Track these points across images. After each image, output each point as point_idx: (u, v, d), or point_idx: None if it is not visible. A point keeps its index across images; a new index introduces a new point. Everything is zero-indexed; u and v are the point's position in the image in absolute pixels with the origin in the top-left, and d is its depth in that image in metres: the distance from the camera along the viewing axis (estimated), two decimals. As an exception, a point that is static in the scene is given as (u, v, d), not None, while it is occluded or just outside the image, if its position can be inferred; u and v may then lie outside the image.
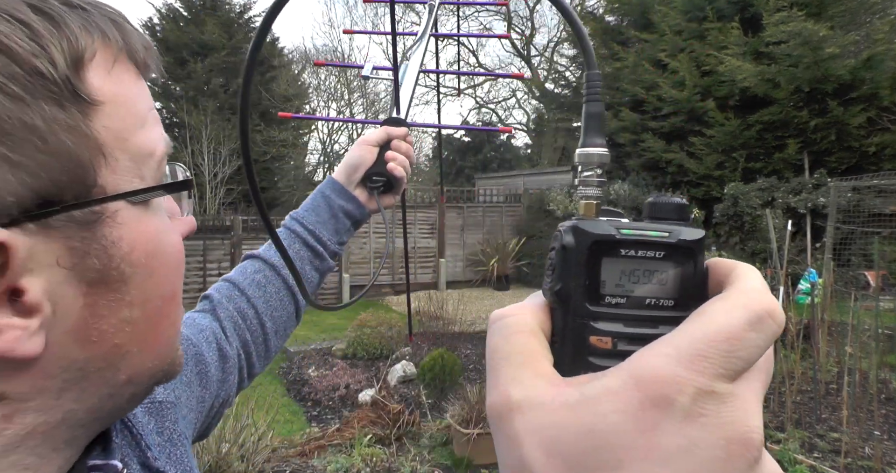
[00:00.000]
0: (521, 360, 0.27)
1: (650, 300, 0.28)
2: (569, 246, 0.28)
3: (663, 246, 0.28)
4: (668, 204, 0.30)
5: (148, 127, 0.42)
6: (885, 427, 4.15)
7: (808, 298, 5.50)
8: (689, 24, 11.46)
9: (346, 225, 0.98)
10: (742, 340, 0.24)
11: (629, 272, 0.28)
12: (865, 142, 9.96)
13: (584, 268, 0.28)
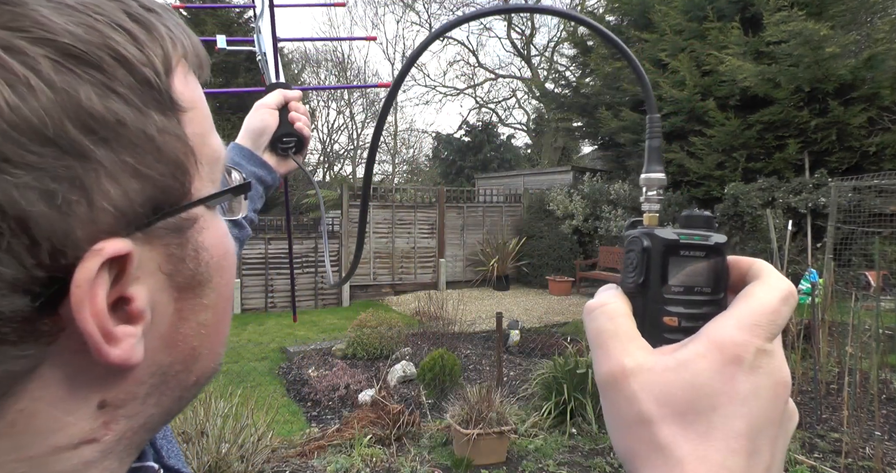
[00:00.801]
0: (627, 337, 0.35)
1: (697, 288, 0.37)
2: (648, 248, 0.37)
3: (705, 248, 0.37)
4: (701, 217, 0.39)
5: (214, 132, 0.43)
6: (886, 428, 4.15)
7: (808, 298, 5.49)
8: (689, 24, 11.46)
9: (258, 192, 0.99)
10: (779, 312, 0.33)
11: (686, 267, 0.37)
12: (866, 142, 9.95)
13: (659, 265, 0.36)
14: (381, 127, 0.46)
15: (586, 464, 3.80)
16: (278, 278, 10.49)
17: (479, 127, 21.58)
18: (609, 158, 14.00)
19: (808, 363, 4.96)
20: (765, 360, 0.32)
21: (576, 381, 4.43)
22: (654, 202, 0.42)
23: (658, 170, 0.43)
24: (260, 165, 0.99)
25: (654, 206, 0.42)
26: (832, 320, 4.97)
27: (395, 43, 38.33)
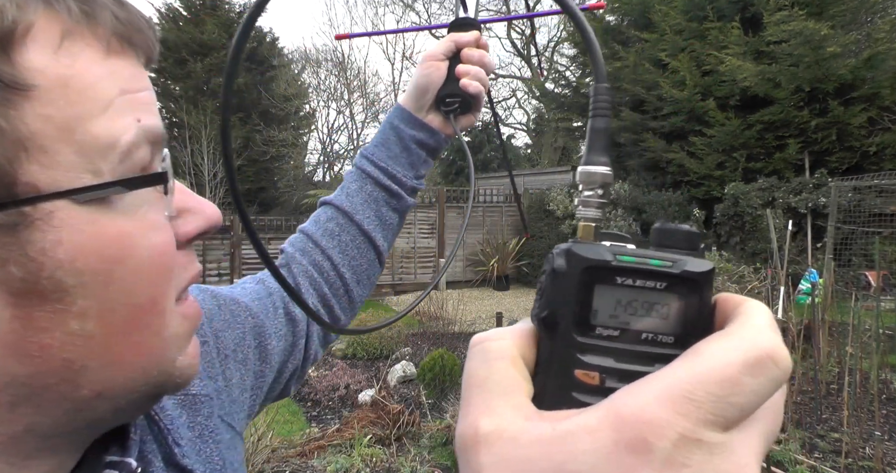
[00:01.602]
0: (497, 389, 0.25)
1: (648, 335, 0.26)
2: (559, 270, 0.26)
3: (665, 276, 0.26)
4: (676, 232, 0.28)
5: (112, 113, 0.37)
6: (886, 428, 4.14)
7: (808, 298, 5.49)
8: (689, 24, 11.45)
9: (420, 157, 0.87)
10: (737, 384, 0.21)
11: (626, 303, 0.26)
12: (866, 142, 9.95)
13: (574, 295, 0.26)
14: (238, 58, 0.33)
15: (586, 464, 3.80)
16: (278, 278, 10.50)
17: (479, 127, 21.58)
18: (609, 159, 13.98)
19: (809, 363, 4.96)
20: (697, 456, 0.21)
21: (576, 381, 4.44)
22: (592, 206, 0.30)
23: (601, 161, 0.31)
24: (419, 128, 0.86)
25: (590, 211, 0.30)
26: (832, 320, 4.97)
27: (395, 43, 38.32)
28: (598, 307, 0.26)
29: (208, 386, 0.59)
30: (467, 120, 0.87)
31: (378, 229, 0.85)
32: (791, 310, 5.27)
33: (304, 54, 24.08)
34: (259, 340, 0.69)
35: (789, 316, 5.09)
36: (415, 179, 0.87)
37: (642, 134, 12.07)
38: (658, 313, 0.26)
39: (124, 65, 0.39)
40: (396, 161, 0.85)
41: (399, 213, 0.88)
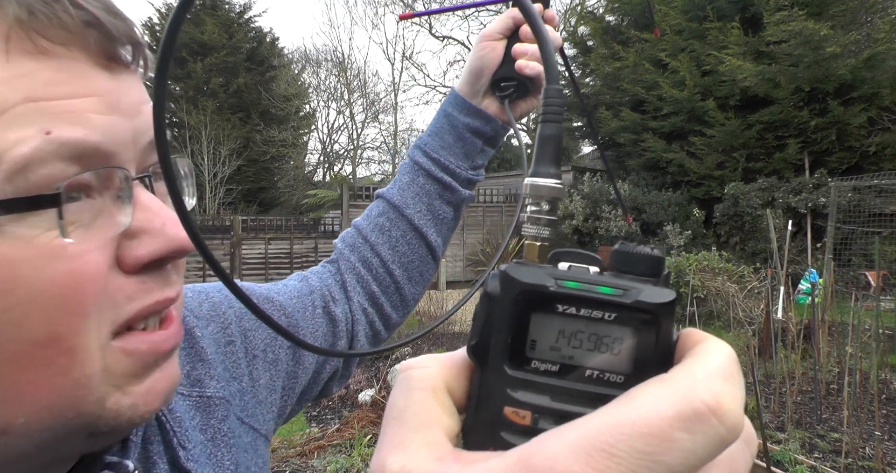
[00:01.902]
0: (412, 422, 0.22)
1: (592, 372, 0.23)
2: (492, 294, 0.23)
3: (614, 307, 0.23)
4: (635, 255, 0.24)
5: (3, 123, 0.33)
6: (886, 428, 4.14)
7: (808, 298, 5.50)
8: (689, 24, 11.46)
9: (476, 146, 0.80)
10: (667, 440, 0.18)
11: (570, 335, 0.23)
12: (866, 142, 9.95)
13: (507, 323, 0.23)
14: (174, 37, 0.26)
15: (586, 464, 3.80)
16: (278, 279, 10.51)
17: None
18: (609, 158, 14.00)
19: (808, 363, 4.96)
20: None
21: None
22: (540, 223, 0.27)
23: (550, 173, 0.27)
24: (474, 115, 0.79)
25: (538, 229, 0.27)
26: (832, 320, 4.97)
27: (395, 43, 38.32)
28: (537, 337, 0.23)
29: (227, 388, 0.58)
30: (526, 105, 0.79)
31: (430, 224, 0.81)
32: (791, 310, 5.27)
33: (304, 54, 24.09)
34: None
35: (789, 316, 5.10)
36: (471, 170, 0.81)
37: (642, 134, 12.07)
38: (607, 347, 0.23)
39: (41, 67, 0.34)
40: (450, 151, 0.80)
41: (454, 206, 0.82)
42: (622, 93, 12.58)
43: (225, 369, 0.58)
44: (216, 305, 0.62)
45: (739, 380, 0.20)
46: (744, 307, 5.98)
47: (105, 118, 0.37)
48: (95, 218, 0.37)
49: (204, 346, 0.57)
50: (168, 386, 0.41)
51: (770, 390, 4.84)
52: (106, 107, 0.37)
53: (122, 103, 0.38)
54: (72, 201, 0.35)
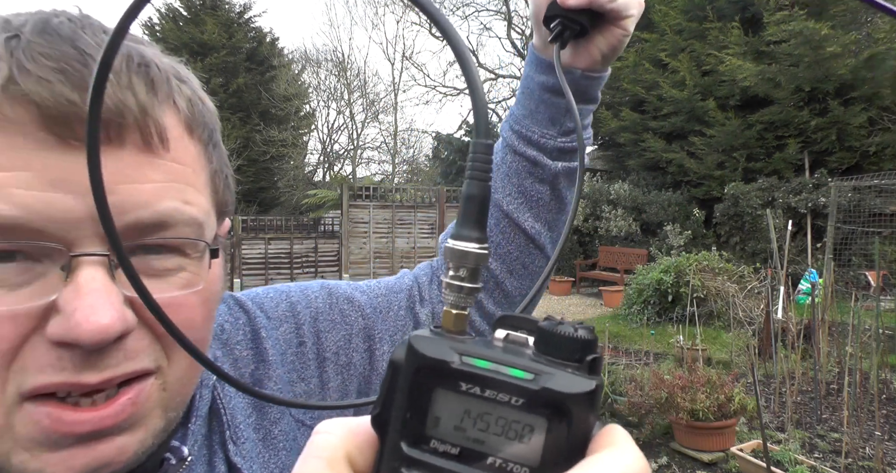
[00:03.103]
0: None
1: (496, 461, 0.21)
2: (396, 363, 0.22)
3: (521, 391, 0.21)
4: (557, 337, 0.22)
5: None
6: (886, 428, 4.14)
7: (808, 298, 5.50)
8: (689, 24, 11.46)
9: (559, 106, 0.67)
10: None
11: (477, 416, 0.21)
12: (866, 142, 9.95)
13: (407, 397, 0.21)
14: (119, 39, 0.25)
15: (586, 464, 3.80)
16: (279, 279, 10.51)
17: (479, 127, 21.55)
18: (609, 158, 14.00)
19: (809, 363, 4.96)
20: None
21: (576, 381, 4.43)
22: (462, 292, 0.24)
23: (473, 237, 0.24)
24: (547, 71, 0.66)
25: (456, 297, 0.24)
26: (832, 320, 4.97)
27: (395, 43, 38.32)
28: (441, 415, 0.21)
29: (291, 389, 0.58)
30: (591, 46, 0.63)
31: (523, 209, 0.70)
32: (791, 310, 5.27)
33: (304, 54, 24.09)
34: (368, 343, 0.64)
35: (789, 316, 5.09)
36: (560, 137, 0.68)
37: (642, 134, 12.07)
38: (517, 434, 0.21)
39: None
40: (533, 119, 0.69)
41: (548, 184, 0.70)
42: (622, 93, 12.58)
43: (292, 370, 0.59)
44: (293, 304, 0.63)
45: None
46: (744, 306, 5.98)
47: (36, 194, 0.36)
48: (27, 282, 0.37)
49: (268, 347, 0.58)
50: (92, 466, 0.39)
51: (770, 390, 4.84)
52: (44, 183, 0.36)
53: (73, 180, 0.37)
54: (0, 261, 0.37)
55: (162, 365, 0.42)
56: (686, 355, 4.87)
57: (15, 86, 0.35)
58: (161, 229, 0.40)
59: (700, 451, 3.71)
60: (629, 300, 7.97)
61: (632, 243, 11.21)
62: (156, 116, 0.40)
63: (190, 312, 0.43)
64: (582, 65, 0.65)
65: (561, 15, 0.60)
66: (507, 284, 0.72)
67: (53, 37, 0.37)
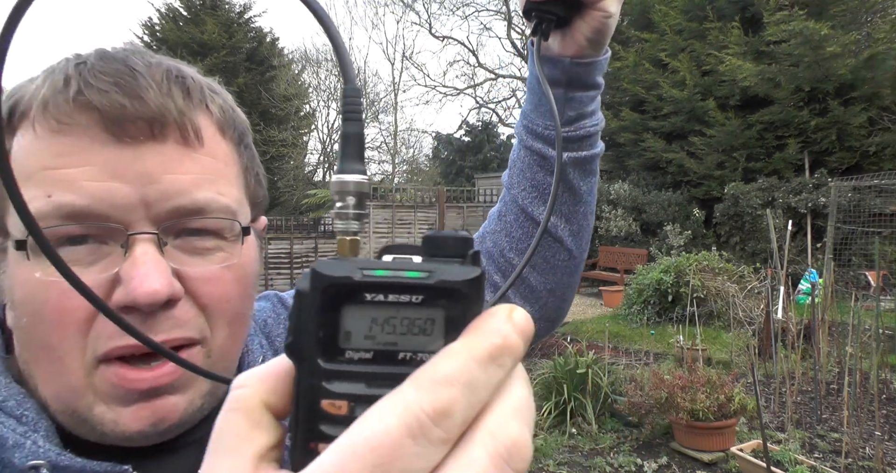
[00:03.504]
0: (221, 447, 0.23)
1: (406, 354, 0.23)
2: (302, 292, 0.24)
3: (420, 289, 0.23)
4: (441, 239, 0.25)
5: (27, 185, 0.45)
6: (886, 428, 4.14)
7: (808, 298, 5.50)
8: (689, 24, 11.46)
9: (557, 97, 0.67)
10: (395, 449, 0.19)
11: (383, 322, 0.24)
12: (866, 142, 9.95)
13: (317, 318, 0.23)
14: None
15: (586, 464, 3.80)
16: (278, 278, 10.52)
17: (479, 127, 21.59)
18: (609, 158, 14.01)
19: (808, 363, 4.96)
20: None
21: (576, 381, 4.43)
22: (349, 218, 0.28)
23: (355, 169, 0.29)
24: (544, 62, 0.66)
25: (346, 224, 0.28)
26: (832, 320, 4.97)
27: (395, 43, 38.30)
28: (351, 328, 0.24)
29: None
30: (574, 37, 0.63)
31: (537, 202, 0.71)
32: (791, 310, 5.27)
33: (304, 54, 24.09)
34: None
35: (789, 316, 5.09)
36: (564, 127, 0.67)
37: (642, 134, 12.07)
38: (420, 329, 0.24)
39: (55, 142, 0.45)
40: (537, 112, 0.70)
41: (565, 178, 0.70)
42: (622, 93, 12.58)
43: None
44: None
45: (475, 377, 0.21)
46: (744, 307, 5.98)
47: (99, 185, 0.45)
48: (96, 261, 0.46)
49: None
50: (153, 419, 0.47)
51: (770, 390, 4.84)
52: (105, 174, 0.45)
53: (127, 172, 0.46)
54: (74, 244, 0.46)
55: (206, 336, 0.50)
56: (686, 355, 4.87)
57: (81, 97, 0.45)
58: (199, 214, 0.48)
59: (700, 451, 3.71)
60: (629, 299, 7.97)
61: (632, 243, 11.21)
62: (192, 117, 0.49)
63: (226, 286, 0.50)
64: (570, 52, 0.65)
65: (535, 8, 0.60)
66: (532, 279, 0.74)
67: (110, 59, 0.47)
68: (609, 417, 4.37)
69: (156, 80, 0.47)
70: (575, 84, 0.67)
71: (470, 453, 0.20)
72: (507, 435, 0.21)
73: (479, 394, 0.21)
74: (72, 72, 0.46)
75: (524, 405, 0.22)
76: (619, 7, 0.63)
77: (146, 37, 16.76)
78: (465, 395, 0.20)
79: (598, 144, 0.72)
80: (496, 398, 0.22)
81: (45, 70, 0.49)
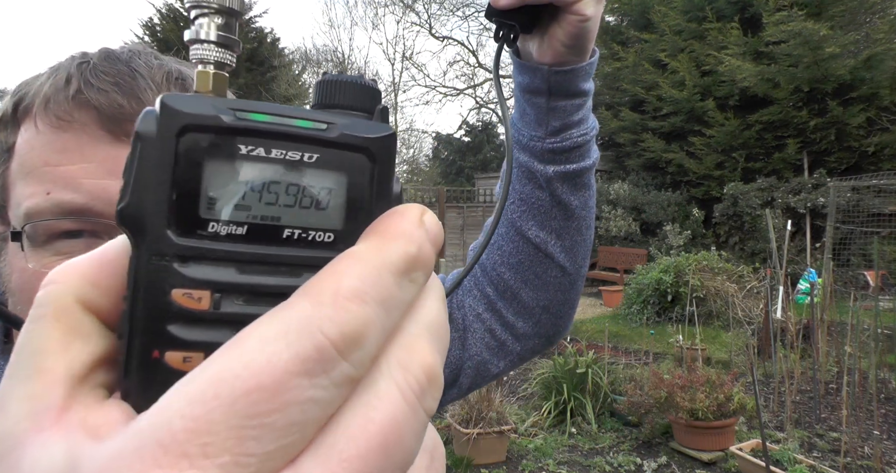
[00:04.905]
0: (23, 369, 0.16)
1: (293, 232, 0.18)
2: (145, 136, 0.17)
3: (316, 142, 0.17)
4: (343, 84, 0.19)
5: (28, 180, 0.46)
6: (885, 427, 4.15)
7: (807, 298, 5.51)
8: (688, 24, 11.47)
9: (539, 106, 0.63)
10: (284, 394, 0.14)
11: (262, 187, 0.17)
12: (865, 142, 9.96)
13: (168, 172, 0.16)
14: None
15: (586, 464, 3.81)
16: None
17: (479, 127, 21.60)
18: (608, 158, 14.02)
19: (808, 363, 4.97)
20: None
21: (575, 381, 4.44)
22: (212, 42, 0.20)
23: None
24: (519, 70, 0.64)
25: (207, 49, 0.19)
26: (831, 319, 4.98)
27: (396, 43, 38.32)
28: (216, 192, 0.17)
29: None
30: (550, 44, 0.59)
31: (526, 216, 0.67)
32: (790, 310, 5.28)
33: (305, 55, 24.10)
34: None
35: (788, 316, 5.10)
36: (548, 137, 0.64)
37: (642, 134, 12.08)
38: (311, 200, 0.18)
39: (57, 138, 0.46)
40: (523, 121, 0.66)
41: (546, 190, 0.66)
42: (622, 93, 12.59)
43: None
44: None
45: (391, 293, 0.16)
46: (743, 306, 5.99)
47: (97, 182, 0.46)
48: None
49: None
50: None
51: (769, 389, 4.85)
52: (103, 172, 0.46)
53: (121, 170, 0.47)
54: (69, 238, 0.47)
55: None
56: (685, 354, 4.88)
57: (81, 95, 0.46)
58: None
59: (699, 450, 3.72)
60: (629, 299, 7.98)
61: (631, 242, 11.22)
62: None
63: None
64: (548, 60, 0.61)
65: (496, 16, 0.58)
66: (523, 294, 0.70)
67: (113, 60, 0.48)
68: (609, 416, 4.38)
69: (156, 81, 0.48)
70: (557, 92, 0.63)
71: (376, 389, 0.15)
72: (419, 365, 0.16)
73: (392, 316, 0.16)
74: (74, 71, 0.47)
75: (437, 325, 0.17)
76: (598, 9, 0.58)
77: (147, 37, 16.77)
78: (380, 317, 0.15)
79: (590, 155, 0.67)
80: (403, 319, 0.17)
81: (52, 67, 0.50)
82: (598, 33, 0.62)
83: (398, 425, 0.15)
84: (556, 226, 0.67)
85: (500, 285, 0.69)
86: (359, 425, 0.15)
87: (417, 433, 0.15)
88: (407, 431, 0.15)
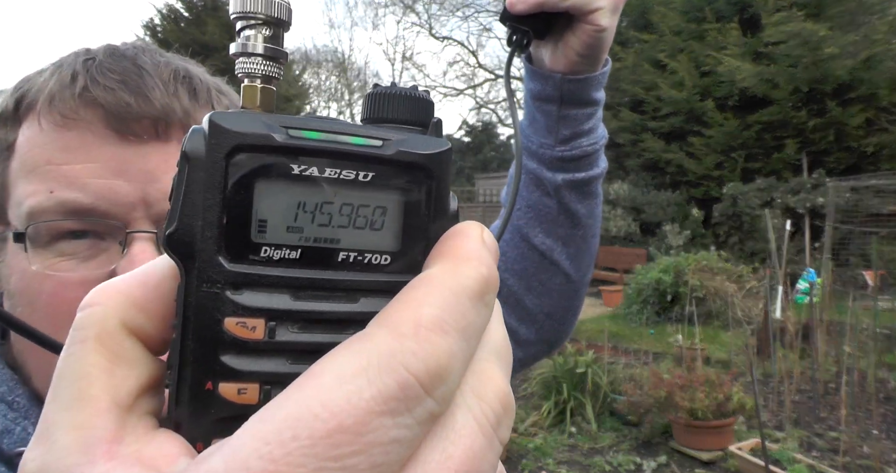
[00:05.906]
0: (65, 396, 0.15)
1: (348, 255, 0.17)
2: (194, 156, 0.16)
3: (372, 161, 0.16)
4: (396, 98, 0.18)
5: (31, 178, 0.45)
6: (884, 426, 4.16)
7: (806, 298, 5.52)
8: (688, 25, 11.48)
9: (550, 114, 0.63)
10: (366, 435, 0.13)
11: (314, 208, 0.16)
12: (864, 142, 9.97)
13: (218, 195, 0.15)
14: None
15: (585, 463, 3.82)
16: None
17: (479, 127, 21.61)
18: (608, 158, 13.95)
19: (807, 363, 4.98)
20: None
21: (575, 380, 4.45)
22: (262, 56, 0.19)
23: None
24: (531, 77, 0.64)
25: (257, 63, 0.19)
26: (830, 319, 4.99)
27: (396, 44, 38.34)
28: (268, 214, 0.16)
29: None
30: (564, 52, 0.60)
31: (532, 223, 0.67)
32: (789, 310, 5.29)
33: (305, 55, 24.11)
34: None
35: (787, 316, 5.11)
36: (559, 145, 0.64)
37: (641, 134, 12.09)
38: (365, 220, 0.17)
39: (61, 136, 0.45)
40: (533, 128, 0.66)
41: (554, 197, 0.65)
42: (621, 93, 12.60)
43: None
44: None
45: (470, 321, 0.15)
46: (742, 306, 6.00)
47: (102, 182, 0.45)
48: (94, 256, 0.46)
49: None
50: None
51: (768, 389, 4.86)
52: (108, 172, 0.45)
53: (130, 170, 0.46)
54: (73, 238, 0.46)
55: None
56: (685, 354, 4.89)
57: (87, 93, 0.45)
58: None
59: (699, 450, 3.73)
60: (628, 299, 7.99)
61: (631, 242, 11.23)
62: (197, 118, 0.48)
63: None
64: (560, 68, 0.61)
65: (511, 20, 0.57)
66: (527, 301, 0.69)
67: (119, 57, 0.47)
68: (608, 416, 4.39)
69: (163, 79, 0.47)
70: (569, 101, 0.63)
71: (453, 421, 0.15)
72: (494, 393, 0.15)
73: (472, 345, 0.15)
74: (79, 68, 0.46)
75: (503, 347, 0.17)
76: (613, 21, 0.60)
77: (148, 37, 16.77)
78: (461, 347, 0.15)
79: (599, 164, 0.67)
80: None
81: (54, 63, 0.49)
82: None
83: (476, 459, 0.14)
84: (562, 233, 0.68)
85: (504, 291, 0.69)
86: (437, 461, 0.14)
87: (493, 464, 0.15)
88: (484, 464, 0.14)
